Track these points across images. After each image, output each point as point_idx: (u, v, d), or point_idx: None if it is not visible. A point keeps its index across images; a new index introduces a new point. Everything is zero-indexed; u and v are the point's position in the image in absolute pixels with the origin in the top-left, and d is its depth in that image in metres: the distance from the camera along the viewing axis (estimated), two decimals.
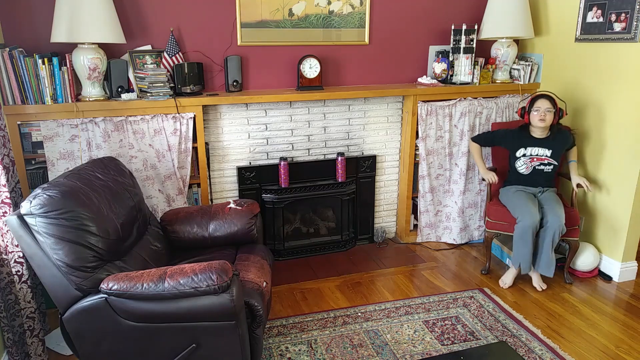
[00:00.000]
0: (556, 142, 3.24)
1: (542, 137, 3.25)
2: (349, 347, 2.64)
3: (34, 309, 2.45)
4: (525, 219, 3.08)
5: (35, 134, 2.84)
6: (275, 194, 3.49)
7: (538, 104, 3.17)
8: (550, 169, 3.27)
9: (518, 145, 3.29)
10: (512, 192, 3.29)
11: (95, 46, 2.84)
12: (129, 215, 2.41)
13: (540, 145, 3.24)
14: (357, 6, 3.50)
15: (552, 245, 3.13)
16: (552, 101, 3.16)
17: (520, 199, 3.19)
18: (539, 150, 3.25)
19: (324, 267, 3.53)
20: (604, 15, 3.24)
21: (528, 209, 3.10)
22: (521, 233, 3.10)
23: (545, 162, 3.25)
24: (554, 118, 3.18)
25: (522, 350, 2.62)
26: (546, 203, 3.18)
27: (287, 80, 3.50)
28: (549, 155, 3.24)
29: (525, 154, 3.28)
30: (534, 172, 3.28)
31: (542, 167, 3.27)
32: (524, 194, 3.24)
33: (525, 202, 3.15)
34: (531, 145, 3.26)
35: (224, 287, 1.97)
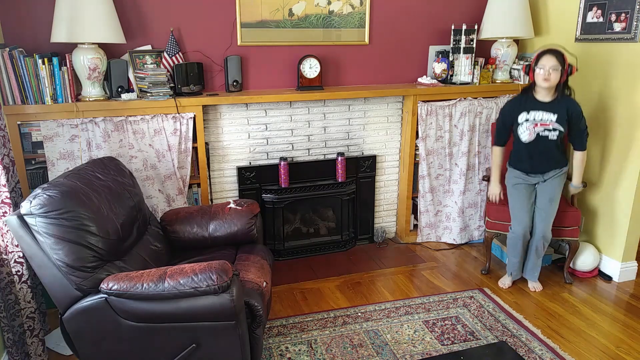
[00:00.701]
0: (562, 106, 2.92)
1: (547, 100, 2.94)
2: (349, 347, 2.64)
3: (34, 309, 2.45)
4: (517, 229, 3.08)
5: (35, 134, 2.84)
6: (275, 194, 3.49)
7: (543, 61, 2.86)
8: (555, 136, 2.95)
9: (521, 109, 3.01)
10: (511, 185, 3.16)
11: (95, 46, 2.85)
12: (129, 215, 2.41)
13: (544, 109, 2.94)
14: (357, 6, 3.50)
15: (537, 254, 3.14)
16: (559, 57, 2.84)
17: (517, 200, 3.11)
18: (543, 115, 2.94)
19: (324, 267, 3.53)
20: (604, 15, 3.24)
21: (521, 215, 3.06)
22: (512, 243, 3.14)
23: (550, 128, 2.93)
24: (561, 76, 2.87)
25: (522, 350, 2.61)
26: (539, 204, 3.09)
27: (287, 80, 3.50)
28: (554, 119, 2.92)
29: (528, 119, 2.97)
30: (538, 140, 2.99)
31: (546, 134, 2.95)
32: (521, 191, 3.11)
33: (520, 206, 3.08)
34: (535, 109, 2.96)
35: (224, 287, 1.97)
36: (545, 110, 2.93)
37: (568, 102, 2.92)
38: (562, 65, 2.84)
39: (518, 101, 3.04)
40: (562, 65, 2.84)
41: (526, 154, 3.06)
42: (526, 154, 3.05)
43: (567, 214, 3.19)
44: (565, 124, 2.93)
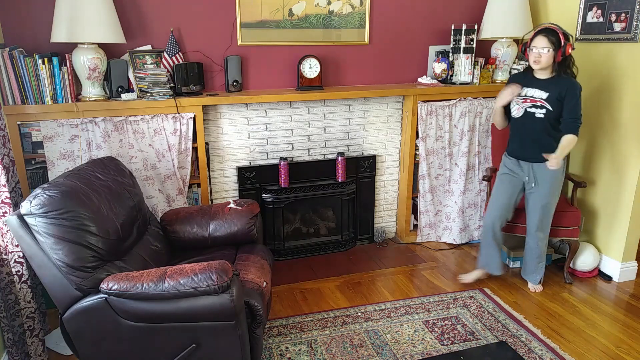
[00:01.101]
0: (557, 85, 2.81)
1: (544, 78, 2.87)
2: (349, 347, 2.64)
3: (34, 309, 2.45)
4: (487, 218, 3.09)
5: (35, 134, 2.84)
6: (275, 194, 3.49)
7: (535, 42, 2.78)
8: (542, 115, 2.84)
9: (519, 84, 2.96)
10: (499, 174, 3.13)
11: (95, 46, 2.85)
12: (129, 215, 2.41)
13: (538, 87, 2.86)
14: (357, 6, 3.50)
15: (533, 254, 3.11)
16: (551, 38, 2.74)
17: (497, 190, 3.09)
18: (535, 92, 2.87)
19: (324, 267, 3.53)
20: (604, 15, 3.24)
21: (495, 206, 3.06)
22: (482, 232, 3.15)
23: (538, 105, 2.84)
24: (556, 56, 2.77)
25: (522, 350, 2.61)
26: (531, 207, 3.03)
27: (287, 80, 3.50)
28: (544, 98, 2.83)
29: (520, 94, 2.91)
30: (526, 117, 2.90)
31: (533, 110, 2.86)
32: (505, 183, 3.07)
33: (496, 197, 3.07)
34: (529, 86, 2.89)
35: (224, 287, 1.97)
36: (539, 87, 2.86)
37: (565, 83, 2.80)
38: (556, 45, 2.74)
39: (519, 77, 2.99)
40: (556, 45, 2.74)
41: (516, 133, 3.01)
42: (516, 132, 3.01)
43: (567, 214, 3.19)
44: (557, 105, 2.81)
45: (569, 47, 2.74)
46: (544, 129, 2.87)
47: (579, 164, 3.54)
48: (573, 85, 2.80)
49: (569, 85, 2.79)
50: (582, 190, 3.51)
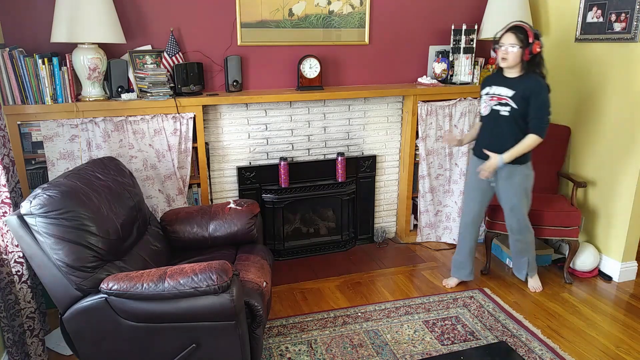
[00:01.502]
0: (523, 83, 2.76)
1: (512, 76, 2.82)
2: (349, 347, 2.64)
3: (34, 309, 2.45)
4: (462, 218, 3.16)
5: (35, 134, 2.84)
6: (275, 194, 3.49)
7: (503, 39, 2.75)
8: (506, 112, 2.79)
9: (488, 83, 2.92)
10: (469, 172, 3.11)
11: (95, 46, 2.85)
12: (129, 215, 2.41)
13: (506, 85, 2.81)
14: (357, 6, 3.50)
15: (515, 248, 3.14)
16: (519, 35, 2.70)
17: (468, 188, 3.13)
18: (502, 90, 2.82)
19: (324, 267, 3.53)
20: (604, 15, 3.24)
21: (468, 205, 3.10)
22: (459, 232, 3.20)
23: (503, 102, 2.80)
24: (523, 54, 2.72)
25: (522, 350, 2.61)
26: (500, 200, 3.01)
27: (287, 80, 3.50)
28: (509, 95, 2.77)
29: (488, 92, 2.89)
30: (492, 114, 2.87)
31: (498, 108, 2.83)
32: (474, 188, 3.07)
33: (468, 195, 3.11)
34: (497, 84, 2.85)
35: (224, 287, 1.97)
36: (506, 85, 2.81)
37: (530, 82, 2.74)
38: (524, 43, 2.69)
39: (491, 77, 2.96)
40: (524, 43, 2.69)
41: (483, 131, 2.98)
42: (483, 131, 2.98)
43: (567, 214, 3.19)
44: (522, 103, 2.75)
45: (537, 46, 2.68)
46: (509, 128, 2.82)
47: (579, 164, 3.54)
48: (538, 84, 2.73)
49: (534, 85, 2.73)
50: (582, 190, 3.51)
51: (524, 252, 3.14)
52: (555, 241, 3.73)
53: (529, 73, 2.77)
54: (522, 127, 2.80)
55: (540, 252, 3.54)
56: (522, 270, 3.22)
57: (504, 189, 2.96)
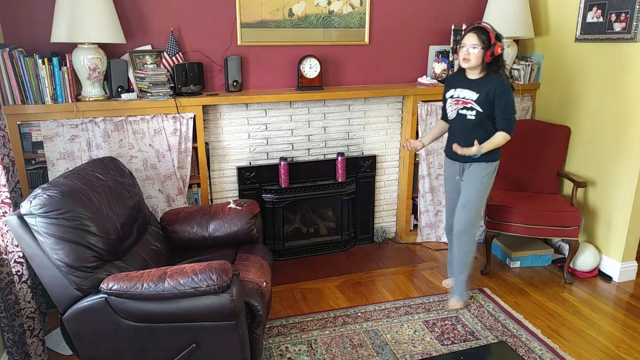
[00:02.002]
0: (486, 85, 2.68)
1: (474, 78, 2.74)
2: (349, 347, 2.64)
3: (34, 309, 2.45)
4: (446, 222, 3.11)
5: (35, 134, 2.84)
6: (275, 194, 3.49)
7: (465, 39, 2.66)
8: (472, 116, 2.73)
9: (452, 86, 2.84)
10: (444, 172, 3.07)
11: (95, 46, 2.84)
12: (129, 215, 2.41)
13: (469, 87, 2.73)
14: (357, 6, 3.50)
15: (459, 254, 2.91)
16: (481, 36, 2.61)
17: (447, 195, 3.07)
18: (466, 93, 2.74)
19: (324, 267, 3.53)
20: (604, 15, 3.24)
21: (448, 206, 3.06)
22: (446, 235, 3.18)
23: (469, 106, 2.73)
24: (485, 56, 2.63)
25: (522, 350, 2.61)
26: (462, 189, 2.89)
27: (287, 80, 3.50)
28: (474, 99, 2.70)
29: (453, 95, 2.80)
30: (458, 119, 2.80)
31: (464, 112, 2.75)
32: (449, 189, 3.01)
33: (448, 203, 3.07)
34: (461, 87, 2.77)
35: (224, 287, 1.97)
36: (470, 88, 2.73)
37: (493, 83, 2.67)
38: (486, 44, 2.61)
39: (453, 78, 2.87)
40: (486, 44, 2.61)
41: (451, 134, 2.90)
42: (451, 133, 2.90)
43: (567, 214, 3.19)
44: (486, 106, 2.69)
45: (499, 48, 2.61)
46: (475, 131, 2.75)
47: (579, 164, 3.54)
48: (502, 85, 2.66)
49: (497, 86, 2.65)
50: (582, 190, 3.51)
51: (460, 266, 2.91)
52: (555, 241, 3.73)
53: (490, 74, 2.69)
54: (488, 129, 2.74)
55: (540, 252, 3.55)
56: (457, 289, 2.98)
57: (465, 183, 2.87)
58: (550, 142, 3.57)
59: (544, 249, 3.57)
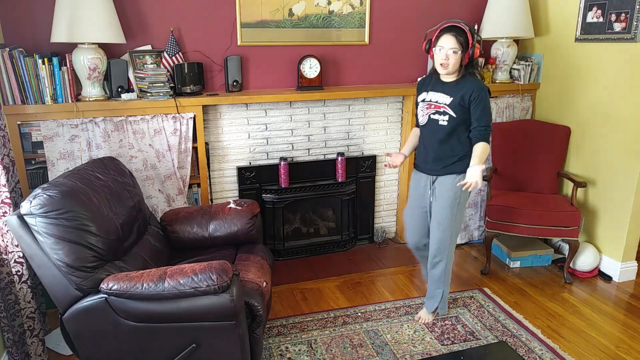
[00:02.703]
0: (461, 89, 2.48)
1: (448, 81, 2.54)
2: (349, 347, 2.64)
3: (34, 309, 2.45)
4: (407, 240, 2.88)
5: (35, 134, 2.84)
6: (275, 194, 3.49)
7: (442, 41, 2.43)
8: (445, 122, 2.51)
9: (424, 89, 2.63)
10: (410, 185, 2.82)
11: (95, 46, 2.84)
12: (129, 215, 2.41)
13: (443, 91, 2.53)
14: (357, 6, 3.50)
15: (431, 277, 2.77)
16: (460, 38, 2.40)
17: (410, 205, 2.80)
18: (439, 97, 2.52)
19: (324, 267, 3.53)
20: (604, 15, 3.24)
21: (410, 224, 2.81)
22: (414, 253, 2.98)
23: (441, 111, 2.51)
24: (463, 59, 2.44)
25: (522, 350, 2.61)
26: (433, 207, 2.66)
27: (287, 80, 3.50)
28: (447, 103, 2.49)
29: (425, 99, 2.58)
30: (430, 124, 2.58)
31: (436, 117, 2.54)
32: (414, 194, 2.77)
33: (410, 214, 2.79)
34: (434, 90, 2.56)
35: (224, 287, 1.97)
36: (444, 92, 2.52)
37: (470, 85, 2.47)
38: (465, 46, 2.41)
39: (425, 80, 2.65)
40: (465, 46, 2.41)
41: (422, 142, 2.69)
42: (422, 141, 2.69)
43: (567, 214, 3.19)
44: (460, 111, 2.48)
45: (477, 50, 2.43)
46: (448, 140, 2.55)
47: (579, 164, 3.54)
48: (479, 87, 2.46)
49: (474, 88, 2.45)
50: (582, 190, 3.51)
51: (441, 282, 2.76)
52: (555, 241, 3.73)
53: (465, 76, 2.49)
54: (461, 139, 2.55)
55: (540, 252, 3.55)
56: (434, 302, 2.82)
57: (438, 201, 2.63)
58: (550, 142, 3.57)
59: (544, 249, 3.57)
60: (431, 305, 2.85)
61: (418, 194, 2.73)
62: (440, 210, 2.62)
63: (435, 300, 2.82)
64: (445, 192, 2.59)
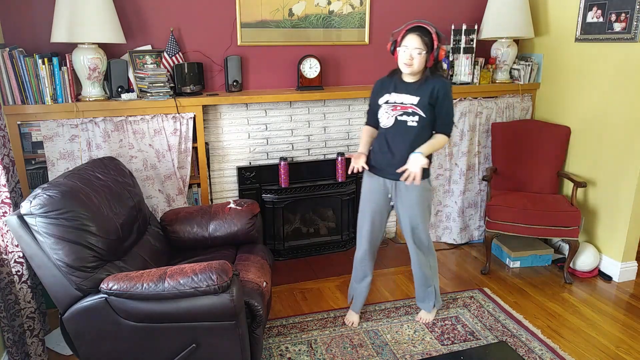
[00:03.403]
0: (427, 87, 2.45)
1: (412, 81, 2.50)
2: (349, 347, 2.64)
3: (34, 309, 2.45)
4: (356, 250, 2.77)
5: (35, 134, 2.84)
6: (275, 194, 3.49)
7: (407, 41, 2.38)
8: (414, 123, 2.46)
9: (385, 90, 2.56)
10: (364, 189, 2.70)
11: (95, 46, 2.84)
12: (129, 215, 2.41)
13: (407, 92, 2.48)
14: (357, 6, 3.50)
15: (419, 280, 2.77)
16: (425, 38, 2.37)
17: (363, 210, 2.69)
18: (404, 97, 2.48)
19: (324, 267, 3.53)
20: (604, 15, 3.24)
21: (363, 232, 2.70)
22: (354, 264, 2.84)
23: (410, 112, 2.46)
24: (427, 60, 2.41)
25: (522, 350, 2.61)
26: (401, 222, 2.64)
27: (287, 80, 3.50)
28: (415, 103, 2.45)
29: (389, 101, 2.52)
30: (397, 126, 2.50)
31: (405, 118, 2.48)
32: (371, 199, 2.66)
33: (363, 220, 2.69)
34: (397, 91, 2.51)
35: (224, 287, 1.97)
36: (408, 92, 2.48)
37: (435, 83, 2.44)
38: (430, 47, 2.38)
39: (385, 82, 2.60)
40: (430, 47, 2.38)
41: (385, 144, 2.56)
42: (383, 145, 2.57)
43: (567, 214, 3.19)
44: (428, 110, 2.46)
45: (443, 52, 2.42)
46: (416, 139, 2.49)
47: (579, 164, 3.54)
48: (444, 84, 2.45)
49: (440, 85, 2.44)
50: (582, 190, 3.51)
51: (429, 280, 2.78)
52: (555, 241, 3.73)
53: (428, 76, 2.46)
54: (427, 138, 2.51)
55: (540, 252, 3.55)
56: (429, 301, 2.83)
57: (405, 206, 2.60)
58: (550, 142, 3.57)
59: (544, 249, 3.57)
60: (428, 305, 2.86)
61: (376, 199, 2.65)
62: (414, 217, 2.60)
63: (430, 298, 2.83)
64: (413, 197, 2.56)
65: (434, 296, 2.83)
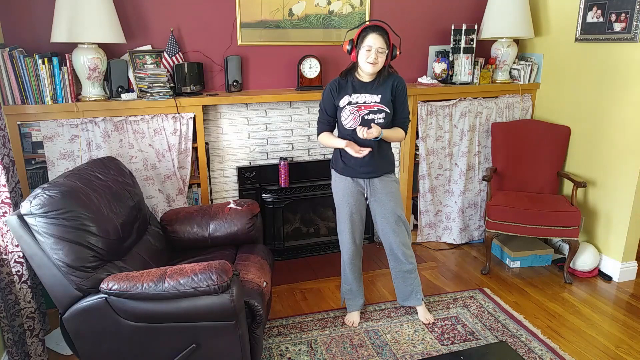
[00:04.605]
0: (386, 85, 2.54)
1: (369, 80, 2.55)
2: (349, 347, 2.64)
3: (34, 309, 2.45)
4: (344, 253, 2.77)
5: (35, 134, 2.84)
6: (275, 194, 3.49)
7: (369, 40, 2.42)
8: (382, 120, 2.53)
9: (344, 93, 2.55)
10: (338, 193, 2.71)
11: (95, 46, 2.85)
12: (129, 215, 2.41)
13: (367, 91, 2.53)
14: (357, 6, 3.50)
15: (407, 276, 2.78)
16: (385, 37, 2.43)
17: (341, 213, 2.71)
18: (366, 97, 2.53)
19: (324, 267, 3.53)
20: (604, 15, 3.24)
21: (347, 235, 2.71)
22: (342, 267, 2.83)
23: (375, 110, 2.51)
24: (386, 59, 2.48)
25: (522, 350, 2.62)
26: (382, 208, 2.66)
27: (287, 80, 3.50)
28: (378, 101, 2.52)
29: (351, 102, 2.53)
30: (364, 124, 2.52)
31: (372, 117, 2.52)
32: (349, 201, 2.67)
33: (344, 223, 2.70)
34: (357, 92, 2.54)
35: (224, 287, 1.97)
36: (368, 92, 2.53)
37: (393, 78, 2.55)
38: (388, 46, 2.46)
39: (339, 85, 2.57)
40: (388, 46, 2.46)
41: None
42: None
43: (567, 214, 3.19)
44: (391, 105, 2.54)
45: (397, 50, 2.54)
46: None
47: (579, 164, 3.54)
48: (402, 80, 2.57)
49: (399, 80, 2.55)
50: (582, 190, 3.51)
51: (413, 271, 2.79)
52: (555, 241, 3.74)
53: (384, 73, 2.54)
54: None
55: (540, 252, 3.55)
56: (417, 294, 2.83)
57: (383, 201, 2.65)
58: (550, 142, 3.57)
59: (544, 249, 3.57)
60: (418, 298, 2.85)
61: (352, 200, 2.67)
62: (395, 209, 2.66)
63: (417, 290, 2.83)
64: (390, 189, 2.65)
65: (420, 287, 2.83)
